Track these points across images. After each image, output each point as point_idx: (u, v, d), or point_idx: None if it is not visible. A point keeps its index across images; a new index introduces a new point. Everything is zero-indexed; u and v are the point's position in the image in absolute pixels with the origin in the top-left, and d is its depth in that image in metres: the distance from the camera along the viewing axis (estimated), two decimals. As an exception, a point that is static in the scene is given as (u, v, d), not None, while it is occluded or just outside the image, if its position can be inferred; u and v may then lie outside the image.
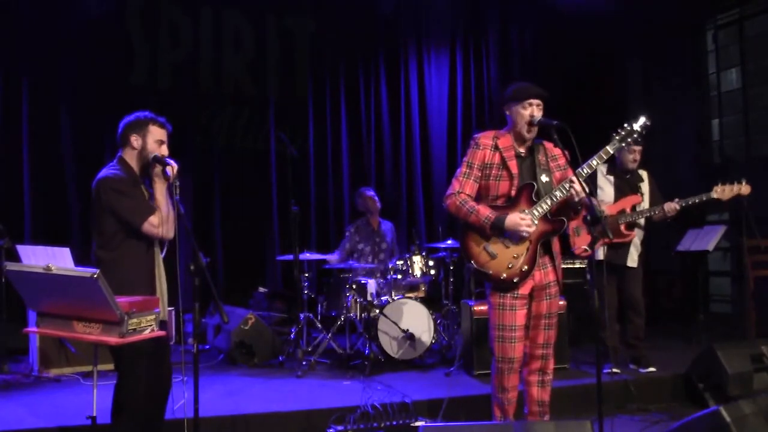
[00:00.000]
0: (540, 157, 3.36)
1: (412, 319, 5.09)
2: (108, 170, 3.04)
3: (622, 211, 4.70)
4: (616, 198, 4.74)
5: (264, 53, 7.35)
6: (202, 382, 2.82)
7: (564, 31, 7.70)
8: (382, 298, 5.30)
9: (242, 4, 7.25)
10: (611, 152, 3.32)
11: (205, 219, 6.99)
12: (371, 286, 5.50)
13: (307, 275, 5.47)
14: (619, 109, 8.10)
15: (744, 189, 4.52)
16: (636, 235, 4.72)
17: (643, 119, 3.35)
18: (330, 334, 5.28)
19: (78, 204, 6.35)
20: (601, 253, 4.67)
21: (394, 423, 3.70)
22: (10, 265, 2.62)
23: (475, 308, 4.78)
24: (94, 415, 2.73)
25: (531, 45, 8.25)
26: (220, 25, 7.19)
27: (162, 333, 2.70)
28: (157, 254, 3.09)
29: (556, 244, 3.39)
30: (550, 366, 3.39)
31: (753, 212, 4.75)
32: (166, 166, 2.98)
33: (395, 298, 5.24)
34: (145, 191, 3.09)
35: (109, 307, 2.41)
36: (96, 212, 3.00)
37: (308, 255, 5.54)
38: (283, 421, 3.84)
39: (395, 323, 5.02)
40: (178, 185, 2.95)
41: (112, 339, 2.48)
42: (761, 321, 5.64)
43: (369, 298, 5.36)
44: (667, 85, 7.96)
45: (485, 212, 3.24)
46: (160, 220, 2.97)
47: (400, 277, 5.46)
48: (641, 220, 4.72)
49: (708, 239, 5.79)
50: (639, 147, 4.67)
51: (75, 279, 2.43)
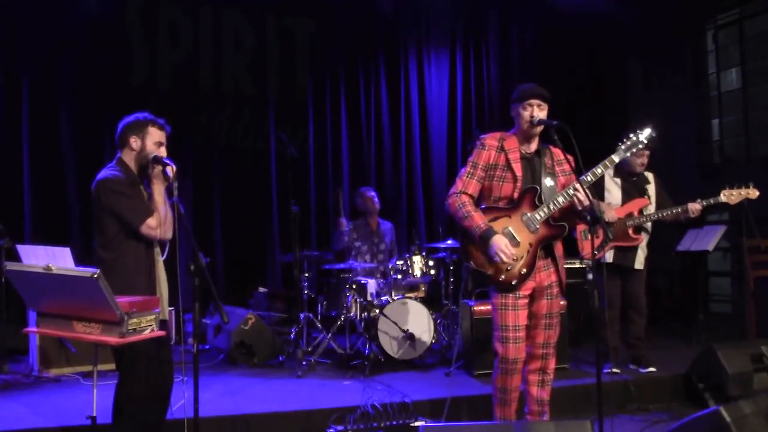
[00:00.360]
0: (546, 160, 3.36)
1: (412, 319, 5.09)
2: (107, 171, 3.05)
3: (629, 214, 4.68)
4: (624, 201, 4.72)
5: (264, 53, 7.34)
6: (202, 382, 2.82)
7: (564, 31, 7.69)
8: (382, 298, 5.30)
9: (242, 4, 7.24)
10: (616, 161, 3.35)
11: (205, 219, 6.98)
12: (371, 286, 5.50)
13: (307, 275, 5.48)
14: (619, 109, 8.12)
15: (752, 193, 4.50)
16: (643, 238, 4.72)
17: (648, 130, 3.37)
18: (330, 334, 5.28)
19: (78, 204, 6.35)
20: (609, 256, 4.68)
21: (394, 423, 3.70)
22: (10, 265, 2.62)
23: (475, 308, 4.79)
24: (94, 415, 2.74)
25: (531, 45, 8.24)
26: (220, 25, 7.18)
27: (162, 333, 2.70)
28: (157, 254, 3.10)
29: (558, 248, 3.39)
30: (551, 365, 3.39)
31: (753, 212, 4.75)
32: (167, 166, 2.99)
33: (395, 298, 5.23)
34: (143, 192, 3.10)
35: (109, 307, 2.42)
36: (96, 213, 3.02)
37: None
38: (283, 421, 3.84)
39: (395, 323, 5.02)
40: (176, 186, 2.95)
41: (112, 339, 2.49)
42: (761, 321, 5.63)
43: (369, 298, 5.36)
44: (667, 85, 7.95)
45: (478, 221, 3.24)
46: (158, 221, 2.98)
47: (400, 277, 5.45)
48: (648, 224, 4.72)
49: (708, 239, 5.79)
50: (647, 151, 4.65)
51: (75, 279, 2.43)
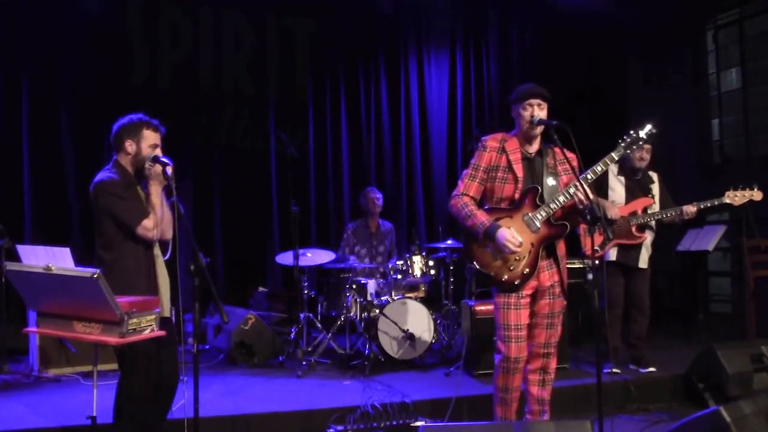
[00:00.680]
0: (548, 159, 3.36)
1: (412, 319, 5.09)
2: (103, 174, 3.07)
3: (633, 213, 4.67)
4: (627, 200, 4.71)
5: (264, 53, 7.34)
6: (202, 382, 2.82)
7: (564, 31, 7.69)
8: (382, 298, 5.30)
9: (242, 4, 7.24)
10: (616, 159, 3.34)
11: (205, 219, 6.97)
12: (371, 286, 5.50)
13: (307, 275, 5.47)
14: (619, 109, 8.11)
15: (756, 195, 4.47)
16: (647, 236, 4.71)
17: (648, 126, 3.36)
18: (330, 334, 5.28)
19: (78, 204, 6.34)
20: (612, 254, 4.67)
21: (394, 423, 3.70)
22: (10, 265, 2.63)
23: (475, 308, 4.79)
24: (94, 415, 2.74)
25: (531, 45, 8.24)
26: (220, 25, 7.18)
27: (162, 333, 2.70)
28: (157, 255, 3.11)
29: (561, 248, 3.39)
30: (552, 365, 3.40)
31: (753, 212, 4.74)
32: (166, 166, 2.99)
33: (395, 298, 5.23)
34: (140, 193, 3.11)
35: (109, 307, 2.42)
36: (95, 215, 3.04)
37: (309, 254, 5.53)
38: (283, 421, 3.84)
39: (395, 323, 5.02)
40: (174, 185, 2.96)
41: (112, 339, 2.49)
42: (761, 321, 5.63)
43: (369, 298, 5.36)
44: (667, 85, 7.95)
45: (481, 218, 3.25)
46: (155, 222, 2.99)
47: (400, 277, 5.45)
48: (652, 222, 4.71)
49: (708, 239, 5.79)
50: (648, 145, 4.62)
51: (75, 279, 2.43)
